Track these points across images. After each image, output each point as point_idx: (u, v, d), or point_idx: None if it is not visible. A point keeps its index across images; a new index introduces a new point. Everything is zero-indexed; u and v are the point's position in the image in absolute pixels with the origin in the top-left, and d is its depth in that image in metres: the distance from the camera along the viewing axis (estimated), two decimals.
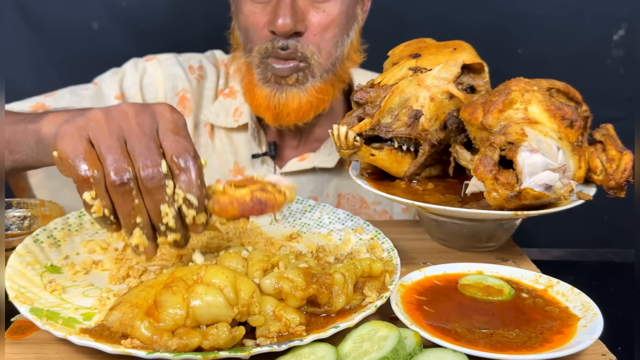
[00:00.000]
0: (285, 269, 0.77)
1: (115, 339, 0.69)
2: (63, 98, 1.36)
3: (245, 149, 1.43)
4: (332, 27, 1.26)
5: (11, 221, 1.01)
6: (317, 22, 1.24)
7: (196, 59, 1.48)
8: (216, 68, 1.49)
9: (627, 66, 1.87)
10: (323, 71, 1.28)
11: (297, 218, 1.09)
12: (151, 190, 0.76)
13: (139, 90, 1.40)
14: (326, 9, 1.25)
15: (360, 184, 1.05)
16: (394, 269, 0.85)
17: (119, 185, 0.75)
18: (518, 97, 0.94)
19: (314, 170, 1.42)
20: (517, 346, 0.72)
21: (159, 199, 0.76)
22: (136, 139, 0.77)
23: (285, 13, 1.20)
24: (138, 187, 0.76)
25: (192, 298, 0.68)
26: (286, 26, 1.20)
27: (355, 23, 1.33)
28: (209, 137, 1.45)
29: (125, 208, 0.76)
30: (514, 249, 1.08)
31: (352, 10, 1.31)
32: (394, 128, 1.02)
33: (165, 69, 1.43)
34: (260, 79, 1.28)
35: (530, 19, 1.85)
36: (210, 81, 1.47)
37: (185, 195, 0.76)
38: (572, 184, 0.92)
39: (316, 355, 0.68)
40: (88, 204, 0.76)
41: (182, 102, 1.43)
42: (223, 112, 1.43)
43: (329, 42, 1.27)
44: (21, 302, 0.75)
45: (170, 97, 1.42)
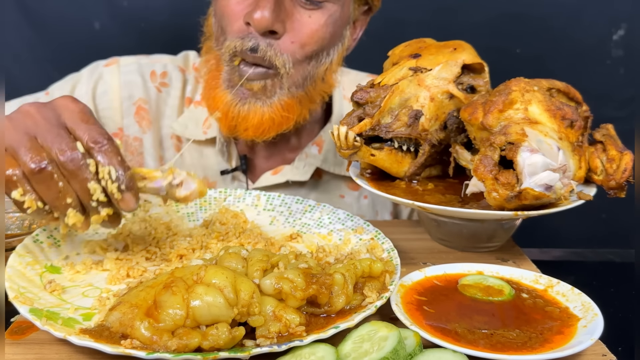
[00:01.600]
0: (285, 269, 0.77)
1: (115, 340, 0.69)
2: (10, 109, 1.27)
3: (215, 163, 1.35)
4: (314, 38, 1.16)
5: (11, 221, 1.01)
6: (299, 27, 1.14)
7: (161, 63, 1.40)
8: (183, 74, 1.40)
9: (627, 66, 1.87)
10: (292, 84, 1.18)
11: (297, 218, 1.09)
12: (74, 172, 0.77)
13: (91, 100, 1.33)
14: (312, 16, 1.15)
15: (360, 184, 1.05)
16: (394, 269, 0.85)
17: (37, 172, 0.76)
18: (518, 97, 0.94)
19: (288, 184, 1.34)
20: (517, 346, 0.72)
21: (84, 178, 0.77)
22: (45, 131, 0.78)
23: (265, 6, 1.09)
24: (61, 173, 0.77)
25: (192, 298, 0.68)
26: (263, 20, 1.09)
27: (340, 44, 1.23)
28: (176, 150, 1.37)
29: (51, 193, 0.77)
30: (514, 249, 1.08)
31: (340, 30, 1.21)
32: (394, 128, 1.02)
33: (123, 77, 1.35)
34: (225, 80, 1.19)
35: (530, 19, 1.85)
36: (175, 89, 1.38)
37: (109, 169, 0.78)
38: (573, 184, 0.92)
39: (316, 355, 0.68)
40: (20, 202, 0.78)
41: (139, 112, 1.35)
42: (192, 122, 1.34)
43: (306, 54, 1.16)
44: (21, 303, 0.75)
45: (127, 107, 1.35)
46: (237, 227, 1.02)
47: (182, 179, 0.85)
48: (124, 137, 1.36)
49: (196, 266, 0.74)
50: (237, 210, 1.08)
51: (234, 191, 1.15)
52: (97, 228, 1.01)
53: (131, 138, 1.36)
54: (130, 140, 1.36)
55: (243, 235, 1.00)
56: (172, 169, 0.84)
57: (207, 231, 1.00)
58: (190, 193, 0.85)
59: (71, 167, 0.76)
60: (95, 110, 1.33)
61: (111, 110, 1.35)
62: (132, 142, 1.36)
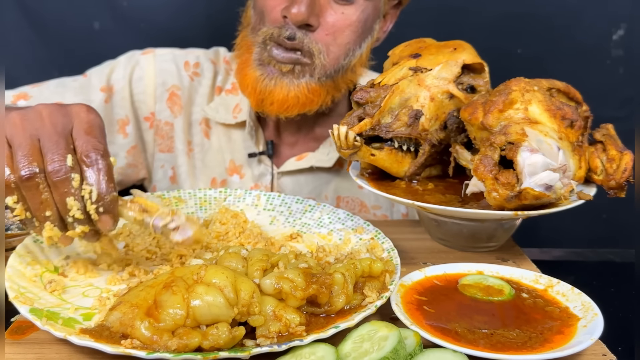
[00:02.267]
0: (285, 269, 0.77)
1: (115, 339, 0.69)
2: (48, 89, 1.35)
3: (243, 147, 1.41)
4: (347, 32, 1.22)
5: (11, 221, 1.01)
6: (333, 22, 1.21)
7: (194, 54, 1.46)
8: (214, 65, 1.46)
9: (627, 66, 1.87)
10: (323, 74, 1.24)
11: (297, 218, 1.09)
12: (57, 183, 0.77)
13: (127, 84, 1.39)
14: (345, 11, 1.21)
15: (360, 184, 1.05)
16: (394, 269, 0.85)
17: (25, 179, 0.77)
18: (518, 97, 0.94)
19: (312, 170, 1.40)
20: (518, 346, 0.72)
21: (64, 191, 0.78)
22: (47, 136, 0.79)
23: (301, 2, 1.16)
24: (47, 184, 0.78)
25: (192, 298, 0.68)
26: (299, 15, 1.16)
27: (370, 37, 1.29)
28: (205, 135, 1.44)
29: (34, 202, 0.78)
30: (514, 249, 1.08)
31: (371, 23, 1.27)
32: (394, 128, 1.02)
33: (158, 64, 1.41)
34: (256, 59, 1.25)
35: (530, 19, 1.85)
36: (207, 78, 1.45)
37: (90, 190, 0.78)
38: (573, 184, 0.92)
39: (316, 355, 0.68)
40: (11, 208, 0.79)
41: (171, 98, 1.41)
42: (223, 108, 1.41)
43: (340, 47, 1.23)
44: (21, 303, 0.75)
45: (160, 93, 1.41)
46: (237, 227, 1.02)
47: (179, 224, 0.83)
48: (156, 121, 1.42)
49: (196, 266, 0.74)
50: (237, 210, 1.08)
51: (234, 191, 1.15)
52: None
53: (162, 122, 1.42)
54: (162, 125, 1.43)
55: (243, 235, 1.00)
56: (173, 211, 0.84)
57: (207, 231, 1.00)
58: (184, 240, 0.83)
59: (55, 178, 0.77)
60: (131, 94, 1.39)
61: (145, 94, 1.40)
62: (163, 126, 1.43)
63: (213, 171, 1.44)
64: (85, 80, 1.39)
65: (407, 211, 1.45)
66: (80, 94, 1.35)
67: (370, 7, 1.24)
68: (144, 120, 1.42)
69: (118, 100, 1.39)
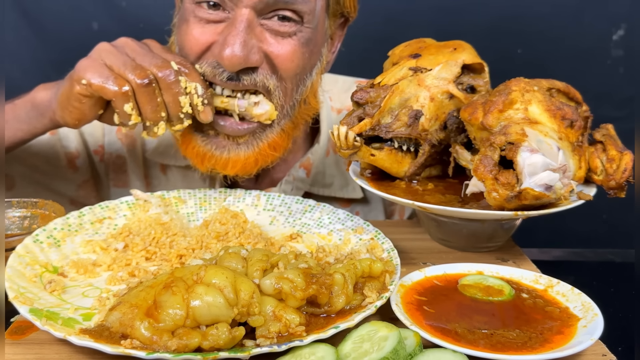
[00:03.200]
0: (285, 269, 0.77)
1: (115, 340, 0.69)
2: None
3: (200, 186, 1.27)
4: (296, 62, 1.06)
5: (11, 221, 1.01)
6: (277, 52, 1.03)
7: None
8: None
9: (627, 66, 1.87)
10: (283, 116, 1.09)
11: (297, 218, 1.09)
12: (170, 85, 0.96)
13: None
14: (289, 44, 1.05)
15: (360, 184, 1.05)
16: (394, 269, 0.85)
17: (144, 86, 0.94)
18: (518, 97, 0.94)
19: None
20: (518, 346, 0.72)
21: (176, 92, 0.97)
22: (142, 55, 0.97)
23: (234, 41, 0.98)
24: (159, 87, 0.96)
25: (192, 298, 0.68)
26: (235, 58, 0.98)
27: (319, 63, 1.14)
28: (161, 171, 1.32)
29: (152, 105, 0.96)
30: (514, 249, 1.08)
31: (317, 49, 1.12)
32: (394, 128, 1.02)
33: None
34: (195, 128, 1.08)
35: (530, 19, 1.85)
36: None
37: (195, 85, 0.99)
38: (573, 184, 0.92)
39: (316, 355, 0.68)
40: (127, 114, 0.96)
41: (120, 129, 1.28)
42: (172, 146, 1.25)
43: (292, 80, 1.07)
44: (21, 303, 0.75)
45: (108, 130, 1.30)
46: (237, 227, 1.02)
47: (259, 100, 1.04)
48: (105, 154, 1.31)
49: (196, 266, 0.74)
50: (237, 210, 1.08)
51: (234, 191, 1.15)
52: (97, 228, 1.01)
53: (114, 156, 1.31)
54: (113, 159, 1.32)
55: (243, 235, 1.00)
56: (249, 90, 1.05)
57: (207, 231, 1.00)
58: (264, 112, 1.05)
59: (167, 81, 0.95)
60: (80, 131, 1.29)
61: (92, 126, 1.28)
62: (115, 160, 1.32)
63: None
64: None
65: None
66: None
67: (314, 33, 1.09)
68: (94, 153, 1.31)
69: (65, 132, 1.26)
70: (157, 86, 0.95)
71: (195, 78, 1.00)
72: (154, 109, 0.96)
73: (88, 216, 1.01)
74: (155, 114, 0.97)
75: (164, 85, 0.95)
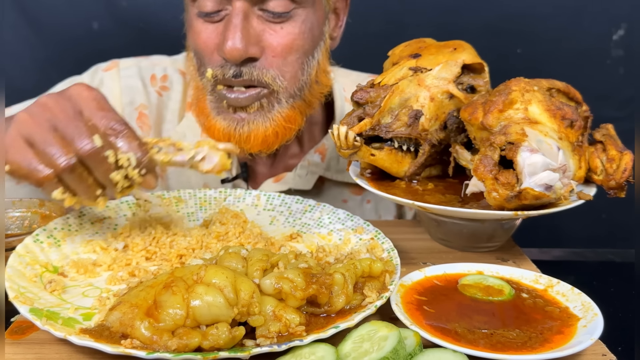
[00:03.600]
0: (285, 269, 0.77)
1: (115, 339, 0.69)
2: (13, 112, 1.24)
3: None
4: (294, 49, 1.11)
5: (11, 221, 1.01)
6: (276, 42, 1.09)
7: (161, 66, 1.36)
8: (183, 77, 1.36)
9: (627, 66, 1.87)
10: (289, 96, 1.15)
11: (297, 218, 1.09)
12: (96, 165, 0.82)
13: None
14: (284, 27, 1.10)
15: (360, 184, 1.05)
16: (394, 269, 0.85)
17: (68, 171, 0.81)
18: (518, 97, 0.94)
19: (290, 192, 1.30)
20: (517, 346, 0.72)
21: (105, 169, 0.83)
22: (64, 124, 0.81)
23: (234, 35, 1.04)
24: (86, 166, 0.82)
25: (192, 298, 0.68)
26: (235, 51, 1.05)
27: (322, 42, 1.19)
28: None
29: (82, 187, 0.83)
30: (514, 249, 1.08)
31: (318, 28, 1.16)
32: (394, 128, 1.02)
33: (123, 81, 1.32)
34: (214, 109, 1.15)
35: (530, 19, 1.85)
36: (177, 92, 1.34)
37: (128, 157, 0.83)
38: (573, 184, 0.92)
39: (316, 355, 0.68)
40: (59, 199, 0.83)
41: (140, 118, 1.33)
42: (190, 131, 1.31)
43: (293, 65, 1.12)
44: (21, 302, 0.75)
45: (129, 112, 1.32)
46: (237, 227, 1.02)
47: (204, 154, 0.92)
48: None
49: (196, 266, 0.74)
50: (237, 210, 1.08)
51: (234, 191, 1.15)
52: (97, 228, 1.01)
53: None
54: None
55: (243, 235, 1.00)
56: (198, 143, 0.91)
57: (207, 231, 1.00)
58: (212, 167, 0.92)
59: (93, 160, 0.81)
60: None
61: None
62: None
63: None
64: None
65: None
66: None
67: (312, 13, 1.14)
68: None
69: None
70: (83, 166, 0.82)
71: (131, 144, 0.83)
72: (86, 190, 0.84)
73: (88, 216, 1.01)
74: (89, 194, 0.85)
75: (90, 164, 0.82)
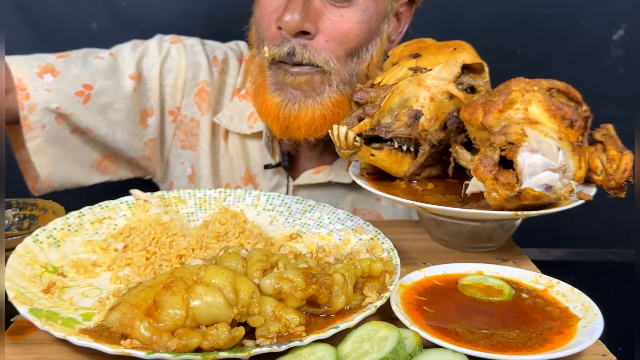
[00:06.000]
0: (285, 269, 0.77)
1: (115, 340, 0.69)
2: (76, 66, 1.28)
3: (259, 156, 1.37)
4: (350, 36, 1.16)
5: (11, 221, 1.01)
6: (332, 26, 1.15)
7: (222, 50, 1.41)
8: (239, 63, 1.41)
9: (627, 66, 1.87)
10: (340, 81, 1.19)
11: (297, 218, 1.09)
12: None
13: (157, 74, 1.33)
14: (344, 14, 1.15)
15: (360, 184, 1.05)
16: (393, 269, 0.85)
17: None
18: (518, 97, 0.94)
19: (330, 184, 1.36)
20: (517, 347, 0.72)
21: None
22: None
23: (294, 8, 1.11)
24: None
25: (191, 298, 0.68)
26: (292, 22, 1.11)
27: (379, 39, 1.23)
28: (223, 138, 1.39)
29: None
30: (514, 249, 1.08)
31: (376, 24, 1.20)
32: (394, 128, 1.02)
33: (190, 56, 1.36)
34: (272, 84, 1.20)
35: (530, 19, 1.85)
36: (231, 77, 1.40)
37: None
38: (572, 184, 0.92)
39: (316, 355, 0.68)
40: None
41: (200, 94, 1.36)
42: (237, 115, 1.36)
43: (346, 51, 1.17)
44: (21, 303, 0.75)
45: (190, 87, 1.36)
46: (237, 227, 1.02)
47: None
48: (180, 116, 1.37)
49: (196, 266, 0.74)
50: (237, 210, 1.08)
51: (234, 191, 1.15)
52: (97, 228, 1.01)
53: (188, 118, 1.37)
54: (187, 121, 1.38)
55: (243, 235, 1.00)
56: None
57: (207, 231, 1.00)
58: None
59: None
60: (160, 85, 1.34)
61: (174, 88, 1.36)
62: (188, 122, 1.38)
63: (228, 176, 1.40)
64: (112, 61, 1.31)
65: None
66: (110, 77, 1.29)
67: (372, 6, 1.18)
68: (169, 114, 1.38)
69: (146, 90, 1.34)
70: None
71: None
72: None
73: (88, 216, 1.01)
74: None
75: None
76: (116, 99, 1.29)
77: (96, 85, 1.28)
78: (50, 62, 1.27)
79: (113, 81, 1.29)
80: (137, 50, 1.34)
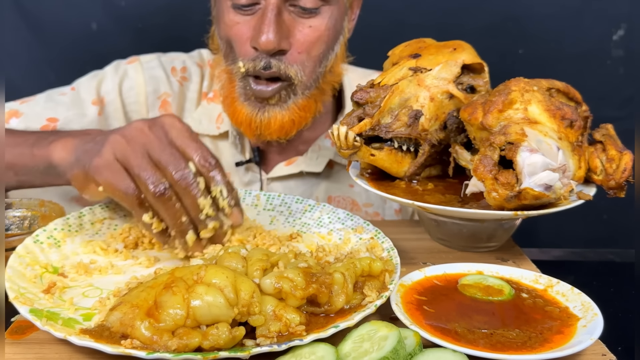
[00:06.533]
0: (285, 269, 0.77)
1: (115, 340, 0.69)
2: (38, 104, 1.33)
3: (230, 155, 1.40)
4: (318, 44, 1.21)
5: (11, 221, 1.01)
6: (303, 38, 1.19)
7: (180, 59, 1.45)
8: (200, 69, 1.45)
9: (627, 66, 1.87)
10: (305, 88, 1.24)
11: (297, 218, 1.09)
12: (187, 189, 0.87)
13: (117, 95, 1.37)
14: (312, 24, 1.20)
15: (360, 184, 1.05)
16: (393, 268, 0.85)
17: (159, 196, 0.86)
18: (518, 97, 0.94)
19: (302, 174, 1.39)
20: (517, 346, 0.72)
21: (194, 194, 0.87)
22: (159, 150, 0.87)
23: (269, 29, 1.14)
24: (176, 191, 0.87)
25: (192, 298, 0.68)
26: (270, 43, 1.15)
27: (342, 36, 1.28)
28: None
29: (170, 212, 0.87)
30: (514, 249, 1.08)
31: (340, 24, 1.26)
32: (394, 128, 1.02)
33: (147, 72, 1.39)
34: (242, 94, 1.24)
35: (530, 19, 1.85)
36: (195, 83, 1.43)
37: (220, 188, 0.89)
38: (572, 184, 0.92)
39: (316, 355, 0.68)
40: (148, 223, 0.88)
41: (163, 106, 1.40)
42: (206, 118, 1.40)
43: (314, 60, 1.22)
44: (21, 303, 0.75)
45: (152, 101, 1.39)
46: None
47: None
48: None
49: (196, 266, 0.74)
50: None
51: None
52: (97, 228, 1.01)
53: None
54: None
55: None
56: None
57: None
58: None
59: (184, 185, 0.86)
60: (122, 104, 1.38)
61: (138, 104, 1.39)
62: None
63: None
64: (74, 93, 1.36)
65: (399, 207, 1.45)
66: (73, 108, 1.34)
67: (336, 10, 1.22)
68: None
69: (111, 111, 1.37)
70: (173, 190, 0.87)
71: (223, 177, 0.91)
72: (172, 215, 0.87)
73: (88, 216, 1.01)
74: (175, 220, 0.88)
75: (180, 189, 0.86)
76: (83, 126, 1.32)
77: (61, 117, 1.32)
78: (13, 108, 1.33)
79: (77, 110, 1.34)
80: (95, 78, 1.39)
